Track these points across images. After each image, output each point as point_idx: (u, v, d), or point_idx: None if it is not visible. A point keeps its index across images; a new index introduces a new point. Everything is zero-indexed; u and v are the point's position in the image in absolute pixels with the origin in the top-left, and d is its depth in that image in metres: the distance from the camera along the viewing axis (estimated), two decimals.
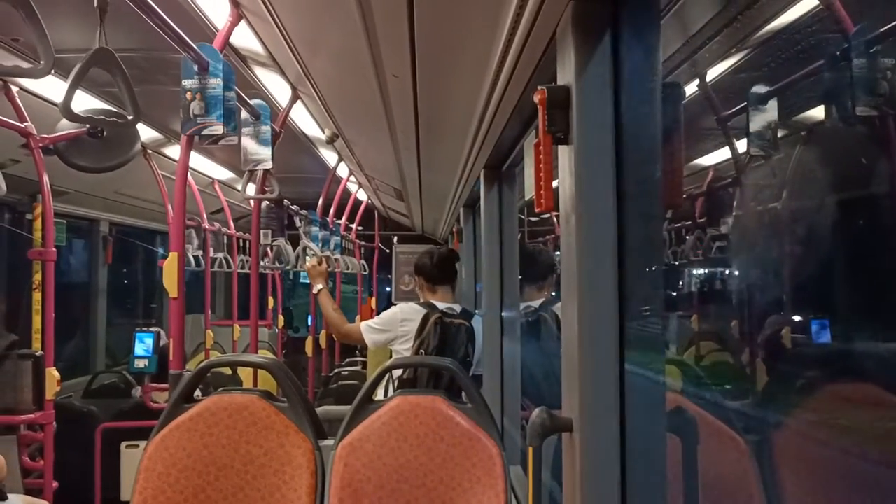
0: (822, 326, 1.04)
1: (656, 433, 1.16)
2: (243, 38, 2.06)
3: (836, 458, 0.94)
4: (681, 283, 1.47)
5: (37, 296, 2.66)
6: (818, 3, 0.97)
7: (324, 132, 3.16)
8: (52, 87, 2.54)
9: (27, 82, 2.55)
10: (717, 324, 1.41)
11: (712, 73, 1.28)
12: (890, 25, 0.89)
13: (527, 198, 2.40)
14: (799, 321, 1.12)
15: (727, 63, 1.26)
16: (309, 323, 4.98)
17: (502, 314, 2.59)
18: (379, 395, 2.42)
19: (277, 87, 2.59)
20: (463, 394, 1.88)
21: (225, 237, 5.03)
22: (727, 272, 1.38)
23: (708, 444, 1.27)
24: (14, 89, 2.49)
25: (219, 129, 1.79)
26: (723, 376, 1.34)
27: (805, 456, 1.05)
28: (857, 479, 0.89)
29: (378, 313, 3.06)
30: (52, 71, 1.43)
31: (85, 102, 2.78)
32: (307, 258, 3.40)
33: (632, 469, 1.06)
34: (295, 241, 3.68)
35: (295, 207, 3.89)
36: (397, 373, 2.57)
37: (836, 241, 0.98)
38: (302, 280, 7.51)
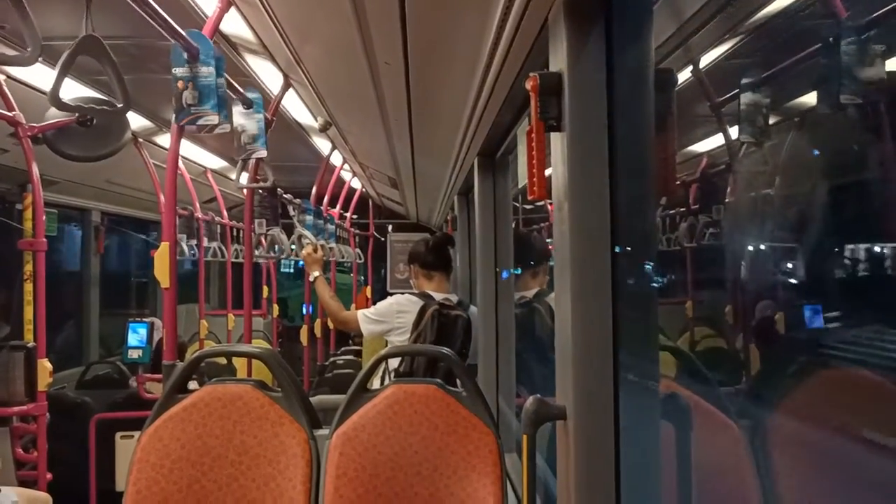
0: (814, 312, 1.05)
1: (650, 420, 1.16)
2: (233, 24, 2.04)
3: (827, 442, 0.95)
4: (674, 269, 1.47)
5: (28, 286, 2.64)
6: None
7: (316, 120, 3.13)
8: (40, 76, 2.51)
9: (15, 70, 2.52)
10: (711, 310, 1.41)
11: (706, 60, 1.27)
12: (882, 11, 0.89)
13: (520, 185, 2.40)
14: (792, 306, 1.12)
15: (720, 49, 1.25)
16: (304, 312, 4.98)
17: (497, 302, 2.59)
18: (375, 385, 2.42)
19: (269, 75, 2.57)
20: (458, 382, 1.88)
21: (218, 226, 5.01)
22: (720, 259, 1.38)
23: (702, 430, 1.28)
24: (1, 78, 2.46)
25: (214, 118, 1.77)
26: (716, 362, 1.35)
27: (798, 441, 1.06)
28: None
29: (374, 302, 3.07)
30: (40, 58, 1.41)
31: (74, 90, 2.75)
32: (303, 245, 3.40)
33: (626, 456, 1.06)
34: (289, 230, 3.67)
35: (288, 196, 3.87)
36: (393, 365, 2.57)
37: (829, 226, 0.98)
38: (283, 269, 7.47)
